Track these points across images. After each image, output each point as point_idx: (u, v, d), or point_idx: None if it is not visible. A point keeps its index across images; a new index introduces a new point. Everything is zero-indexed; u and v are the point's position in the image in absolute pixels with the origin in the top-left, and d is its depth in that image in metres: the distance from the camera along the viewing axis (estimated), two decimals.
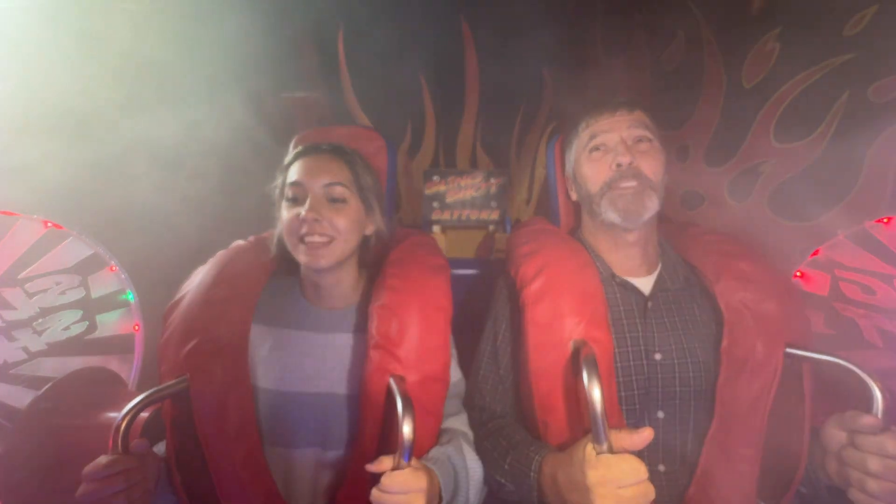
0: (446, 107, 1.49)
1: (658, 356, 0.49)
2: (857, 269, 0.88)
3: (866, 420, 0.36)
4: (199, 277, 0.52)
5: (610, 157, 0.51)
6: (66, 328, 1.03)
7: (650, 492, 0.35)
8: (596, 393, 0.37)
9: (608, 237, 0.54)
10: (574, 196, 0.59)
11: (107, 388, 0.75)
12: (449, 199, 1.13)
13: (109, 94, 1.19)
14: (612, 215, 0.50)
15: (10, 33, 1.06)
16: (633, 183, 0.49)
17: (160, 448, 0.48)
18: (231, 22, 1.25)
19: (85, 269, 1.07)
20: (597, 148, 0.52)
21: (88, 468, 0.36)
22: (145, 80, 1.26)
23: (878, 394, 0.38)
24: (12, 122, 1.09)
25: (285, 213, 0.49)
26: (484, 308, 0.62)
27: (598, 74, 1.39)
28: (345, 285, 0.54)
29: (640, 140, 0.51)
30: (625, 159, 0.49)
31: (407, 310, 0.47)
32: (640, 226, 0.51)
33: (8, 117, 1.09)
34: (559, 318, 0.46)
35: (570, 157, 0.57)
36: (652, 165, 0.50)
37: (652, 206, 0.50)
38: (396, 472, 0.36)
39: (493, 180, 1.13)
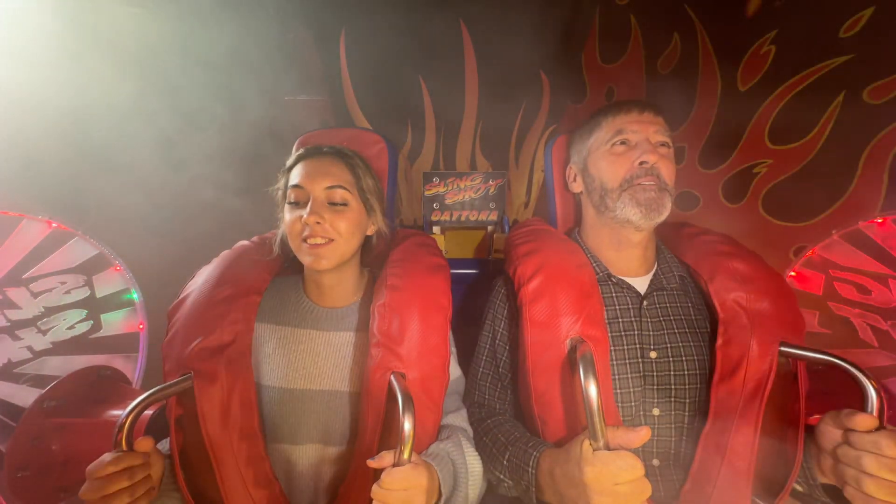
0: (446, 109, 1.50)
1: (653, 354, 0.50)
2: (851, 269, 0.89)
3: (861, 418, 0.37)
4: (202, 277, 0.53)
5: (635, 153, 0.51)
6: (71, 327, 1.04)
7: (646, 488, 0.35)
8: (592, 390, 0.38)
9: (611, 236, 0.55)
10: (577, 188, 0.59)
11: (111, 386, 0.75)
12: (448, 201, 1.14)
13: (114, 96, 1.20)
14: (630, 211, 0.50)
15: (14, 36, 1.07)
16: (654, 182, 0.50)
17: (164, 445, 0.48)
18: (234, 26, 1.27)
19: (90, 268, 1.08)
20: (623, 143, 0.52)
21: (92, 466, 0.37)
22: (150, 84, 1.28)
23: (872, 392, 0.38)
24: (17, 124, 1.11)
25: (288, 214, 0.50)
26: (482, 307, 0.62)
27: (596, 77, 1.41)
28: (347, 285, 0.55)
29: (662, 144, 0.52)
30: (651, 157, 0.49)
31: (407, 308, 0.48)
32: (650, 227, 0.51)
33: (12, 119, 1.10)
34: (556, 316, 0.47)
35: (583, 147, 0.57)
36: (669, 171, 0.51)
37: (667, 209, 0.50)
38: (397, 469, 0.37)
39: (491, 182, 1.14)
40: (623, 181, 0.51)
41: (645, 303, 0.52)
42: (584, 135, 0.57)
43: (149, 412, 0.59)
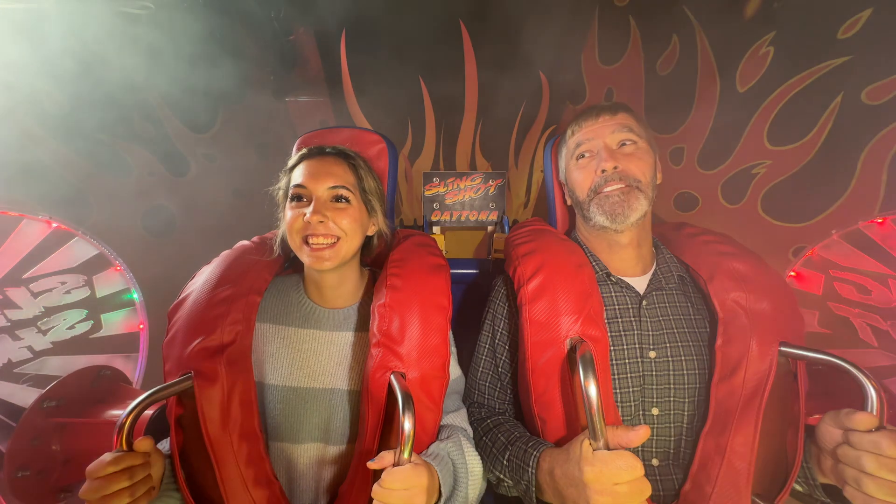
0: (446, 110, 1.51)
1: (652, 354, 0.50)
2: (851, 269, 0.89)
3: (861, 417, 0.37)
4: (203, 277, 0.53)
5: (595, 162, 0.52)
6: (71, 327, 1.04)
7: (646, 488, 0.35)
8: (592, 390, 0.38)
9: (601, 239, 0.56)
10: (569, 201, 0.61)
11: (111, 386, 0.75)
12: (448, 201, 1.14)
13: (114, 97, 1.21)
14: (600, 219, 0.51)
15: (15, 38, 1.07)
16: (619, 185, 0.50)
17: (164, 445, 0.48)
18: (235, 27, 1.27)
19: (90, 268, 1.08)
20: (582, 155, 0.54)
21: (92, 466, 0.36)
22: (150, 84, 1.28)
23: (872, 392, 0.38)
24: (18, 124, 1.11)
25: (289, 213, 0.50)
26: (482, 307, 0.62)
27: (595, 78, 1.41)
28: (347, 285, 0.55)
29: (623, 143, 0.52)
30: (608, 164, 0.50)
31: (408, 308, 0.48)
32: (629, 227, 0.52)
33: (15, 120, 1.11)
34: (556, 316, 0.47)
35: (562, 164, 0.59)
36: (638, 166, 0.51)
37: (639, 206, 0.50)
38: (397, 469, 0.37)
39: (491, 182, 1.14)
40: (590, 190, 0.52)
41: (644, 302, 0.52)
42: (560, 151, 0.59)
43: (149, 412, 0.59)
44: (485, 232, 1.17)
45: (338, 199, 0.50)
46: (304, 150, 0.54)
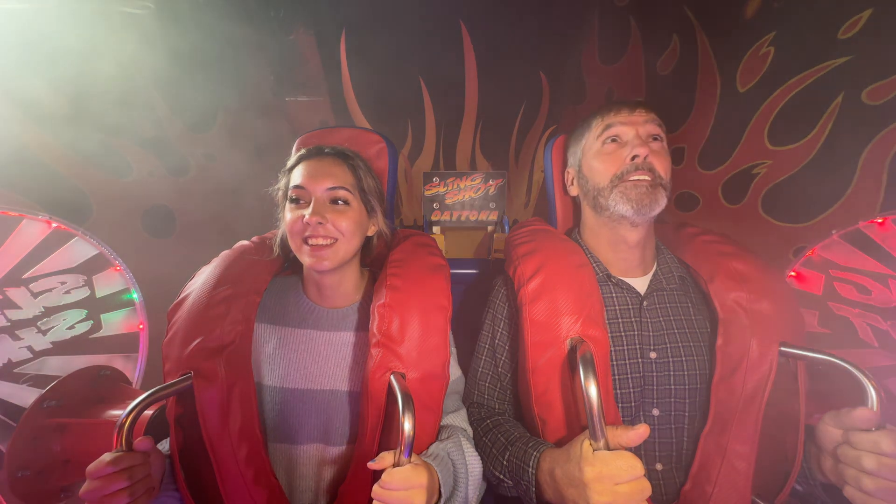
0: (446, 110, 1.51)
1: (653, 354, 0.50)
2: (851, 269, 0.89)
3: (861, 413, 0.37)
4: (202, 277, 0.53)
5: (625, 150, 0.51)
6: (71, 327, 1.04)
7: (646, 488, 0.35)
8: (592, 390, 0.38)
9: (609, 235, 0.55)
10: (574, 192, 0.60)
11: (111, 386, 0.75)
12: (448, 201, 1.14)
13: (114, 96, 1.21)
14: (622, 207, 0.50)
15: (14, 37, 1.07)
16: (647, 177, 0.50)
17: (164, 445, 0.48)
18: (235, 27, 1.27)
19: (90, 268, 1.08)
20: (613, 139, 0.52)
21: (92, 466, 0.36)
22: (150, 84, 1.28)
23: (872, 392, 0.38)
24: (18, 125, 1.11)
25: (289, 214, 0.50)
26: (482, 307, 0.62)
27: (595, 78, 1.41)
28: (347, 285, 0.55)
29: (654, 138, 0.52)
30: (642, 151, 0.50)
31: (408, 308, 0.48)
32: (644, 222, 0.51)
33: (15, 120, 1.11)
34: (556, 316, 0.47)
35: (577, 150, 0.58)
36: (663, 164, 0.51)
37: (662, 202, 0.50)
38: (397, 469, 0.37)
39: (491, 182, 1.14)
40: (614, 177, 0.51)
41: (645, 303, 0.52)
42: (578, 137, 0.58)
43: (149, 412, 0.59)
44: (485, 232, 1.18)
45: (336, 200, 0.50)
46: (302, 151, 0.54)
